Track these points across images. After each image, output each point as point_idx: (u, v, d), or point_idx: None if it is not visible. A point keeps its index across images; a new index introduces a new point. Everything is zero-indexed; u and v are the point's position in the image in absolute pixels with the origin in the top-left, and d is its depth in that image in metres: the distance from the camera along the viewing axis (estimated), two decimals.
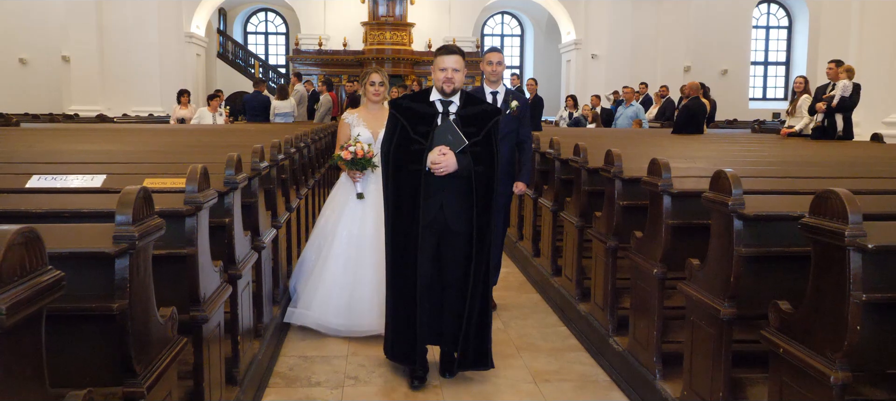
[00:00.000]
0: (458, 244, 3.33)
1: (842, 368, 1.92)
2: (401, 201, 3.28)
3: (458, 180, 3.27)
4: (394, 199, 3.31)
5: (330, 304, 4.05)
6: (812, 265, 2.08)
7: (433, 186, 3.26)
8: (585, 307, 4.32)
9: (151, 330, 1.87)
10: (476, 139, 3.28)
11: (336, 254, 4.13)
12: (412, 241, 3.26)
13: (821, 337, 2.00)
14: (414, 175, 3.24)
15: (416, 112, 3.33)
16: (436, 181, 3.26)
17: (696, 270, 2.80)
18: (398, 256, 3.33)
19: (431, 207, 3.28)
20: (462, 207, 3.31)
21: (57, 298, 1.30)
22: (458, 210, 3.31)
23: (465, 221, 3.31)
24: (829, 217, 1.97)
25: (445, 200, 3.29)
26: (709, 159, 4.58)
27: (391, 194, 3.32)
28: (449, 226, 3.31)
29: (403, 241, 3.29)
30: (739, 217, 2.50)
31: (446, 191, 3.28)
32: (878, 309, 1.93)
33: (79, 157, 3.98)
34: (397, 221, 3.31)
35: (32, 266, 1.24)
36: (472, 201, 3.28)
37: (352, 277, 4.06)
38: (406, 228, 3.28)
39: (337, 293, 4.06)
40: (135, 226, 1.74)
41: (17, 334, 1.17)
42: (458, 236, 3.32)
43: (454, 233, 3.32)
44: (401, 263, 3.32)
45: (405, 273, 3.32)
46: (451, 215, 3.30)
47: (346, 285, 4.06)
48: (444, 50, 3.43)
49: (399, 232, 3.31)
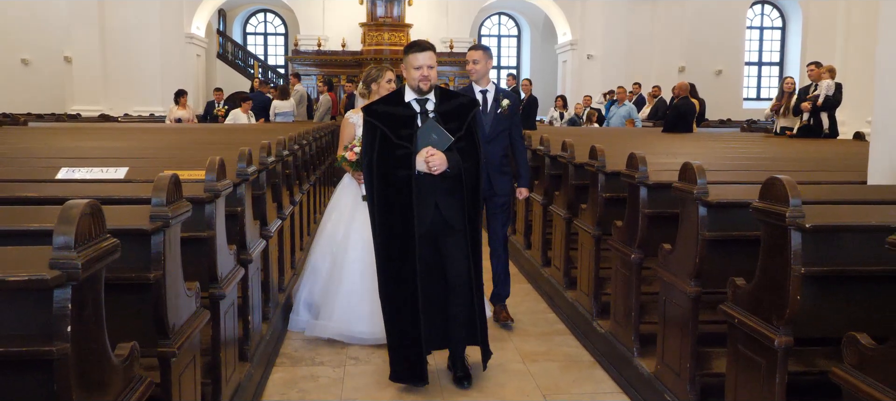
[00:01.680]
0: (458, 242, 3.26)
1: (784, 333, 2.20)
2: (391, 210, 3.17)
3: (447, 179, 3.21)
4: (383, 209, 3.19)
5: (353, 312, 3.95)
6: (761, 245, 2.36)
7: (425, 190, 3.19)
8: (572, 295, 4.59)
9: (180, 300, 2.14)
10: (459, 134, 3.22)
11: (352, 260, 4.00)
12: (409, 250, 3.16)
13: (768, 307, 2.28)
14: (404, 180, 3.14)
15: (394, 116, 3.22)
16: (426, 184, 3.18)
17: (668, 253, 3.08)
18: (393, 268, 3.21)
19: (426, 209, 3.20)
20: (456, 203, 3.25)
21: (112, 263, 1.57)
22: (454, 207, 3.25)
23: (462, 218, 3.26)
24: (773, 201, 2.25)
25: (439, 200, 3.22)
26: (690, 155, 4.84)
27: (379, 205, 3.20)
28: (448, 224, 3.25)
29: (398, 251, 3.19)
30: (703, 204, 2.78)
31: (438, 191, 3.22)
32: (816, 281, 2.21)
33: (97, 152, 4.25)
34: (389, 231, 3.20)
35: (97, 233, 1.51)
36: (462, 197, 3.25)
37: (370, 282, 3.79)
38: (400, 237, 3.17)
39: (357, 301, 3.94)
40: (168, 207, 2.01)
41: (86, 285, 1.43)
42: (458, 234, 3.26)
43: (454, 230, 3.26)
44: (397, 276, 3.21)
45: (403, 286, 3.21)
46: (449, 214, 3.24)
47: (367, 292, 3.89)
48: (416, 47, 3.29)
49: (393, 243, 3.20)
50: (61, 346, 1.37)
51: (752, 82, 21.11)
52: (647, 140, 6.96)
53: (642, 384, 3.32)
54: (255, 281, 3.45)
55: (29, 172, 3.22)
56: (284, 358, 3.84)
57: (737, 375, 2.50)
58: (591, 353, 4.00)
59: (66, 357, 1.38)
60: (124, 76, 15.95)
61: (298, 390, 3.46)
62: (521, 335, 4.31)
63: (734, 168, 4.20)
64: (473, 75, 4.29)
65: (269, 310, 3.89)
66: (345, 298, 3.98)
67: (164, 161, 3.72)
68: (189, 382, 2.21)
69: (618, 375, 3.61)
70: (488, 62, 4.30)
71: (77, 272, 1.39)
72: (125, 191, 2.67)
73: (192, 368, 2.27)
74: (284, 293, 4.45)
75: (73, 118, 13.27)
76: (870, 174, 3.42)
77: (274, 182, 4.25)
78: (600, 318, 4.06)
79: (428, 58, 3.23)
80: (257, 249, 3.46)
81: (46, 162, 3.54)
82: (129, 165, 3.40)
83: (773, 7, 21.16)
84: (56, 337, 1.38)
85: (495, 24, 22.12)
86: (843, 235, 2.20)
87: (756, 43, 21.17)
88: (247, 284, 3.27)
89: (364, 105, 4.26)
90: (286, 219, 4.48)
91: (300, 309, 4.21)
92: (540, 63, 21.25)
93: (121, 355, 1.66)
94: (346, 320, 3.95)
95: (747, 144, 6.75)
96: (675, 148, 5.84)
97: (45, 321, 1.39)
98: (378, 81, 4.14)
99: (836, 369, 1.90)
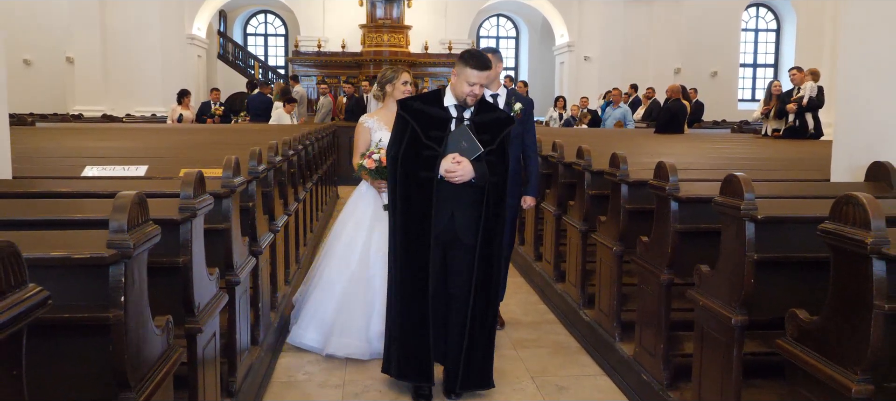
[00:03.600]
0: (465, 257, 3.12)
1: (740, 312, 2.48)
2: (411, 210, 3.07)
3: (469, 190, 3.07)
4: (403, 208, 3.09)
5: (373, 330, 3.76)
6: (721, 235, 2.64)
7: (445, 196, 3.06)
8: (562, 287, 4.87)
9: (204, 283, 2.42)
10: (491, 148, 3.08)
11: (373, 275, 3.79)
12: (423, 253, 3.06)
13: (727, 290, 2.56)
14: (425, 183, 3.03)
15: (428, 115, 3.10)
16: (447, 190, 3.05)
17: (646, 246, 3.36)
18: (408, 270, 3.10)
19: (442, 217, 3.08)
20: (472, 218, 3.10)
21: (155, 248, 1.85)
22: (469, 221, 3.10)
23: (474, 234, 3.11)
24: (731, 195, 2.53)
25: (457, 209, 3.09)
26: (671, 156, 5.12)
27: (400, 203, 3.09)
28: (458, 237, 3.11)
29: (414, 254, 3.08)
30: (675, 200, 3.06)
31: (457, 200, 3.08)
32: (766, 266, 2.49)
33: (114, 152, 4.52)
34: (408, 231, 3.09)
35: (143, 219, 1.80)
36: (481, 212, 3.09)
37: None
38: (417, 239, 3.07)
39: (379, 319, 3.68)
40: (195, 199, 2.28)
41: (135, 263, 1.71)
42: (466, 249, 3.11)
43: (463, 245, 3.12)
44: (410, 277, 3.11)
45: (416, 287, 3.10)
46: (461, 227, 3.10)
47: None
48: (479, 63, 3.09)
49: (410, 244, 3.09)
50: (116, 313, 1.66)
51: (747, 84, 21.43)
52: (635, 141, 7.25)
53: (623, 367, 3.60)
54: (264, 271, 3.73)
55: (57, 170, 3.50)
56: (289, 348, 4.08)
57: (702, 352, 2.78)
58: (577, 339, 4.28)
59: (121, 322, 1.66)
60: (125, 77, 16.19)
61: (303, 373, 3.71)
62: (514, 325, 4.58)
63: (710, 167, 4.49)
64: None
65: (276, 300, 4.16)
66: (364, 317, 3.78)
67: (180, 160, 3.99)
68: (210, 356, 2.48)
69: (601, 359, 3.89)
70: (499, 66, 4.07)
71: (129, 251, 1.67)
72: (149, 187, 2.93)
73: (213, 345, 2.54)
74: (290, 285, 4.72)
75: (76, 118, 13.53)
76: (832, 172, 3.70)
77: (281, 180, 4.53)
78: (587, 307, 4.34)
79: (485, 77, 3.10)
80: (266, 241, 3.73)
81: (71, 162, 3.81)
82: (148, 163, 3.67)
83: (768, 9, 21.46)
84: (112, 306, 1.66)
85: (494, 26, 22.42)
86: (788, 226, 2.48)
87: (751, 45, 21.48)
88: (257, 274, 3.54)
89: (381, 108, 4.08)
90: (292, 215, 4.76)
91: (306, 323, 3.94)
92: (538, 65, 21.54)
93: (159, 325, 1.94)
94: (367, 338, 3.75)
95: (733, 145, 7.03)
96: (661, 149, 6.12)
97: (103, 292, 1.67)
98: (393, 83, 4.00)
99: (779, 341, 2.18)
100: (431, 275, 3.07)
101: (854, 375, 1.90)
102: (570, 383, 3.66)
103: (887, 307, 1.84)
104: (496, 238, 3.14)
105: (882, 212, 1.86)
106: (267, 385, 3.46)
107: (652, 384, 3.22)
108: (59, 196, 2.79)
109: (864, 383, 1.88)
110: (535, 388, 3.57)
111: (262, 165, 3.61)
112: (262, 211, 3.77)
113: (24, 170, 3.45)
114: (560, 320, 4.67)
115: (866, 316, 1.86)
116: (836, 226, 1.98)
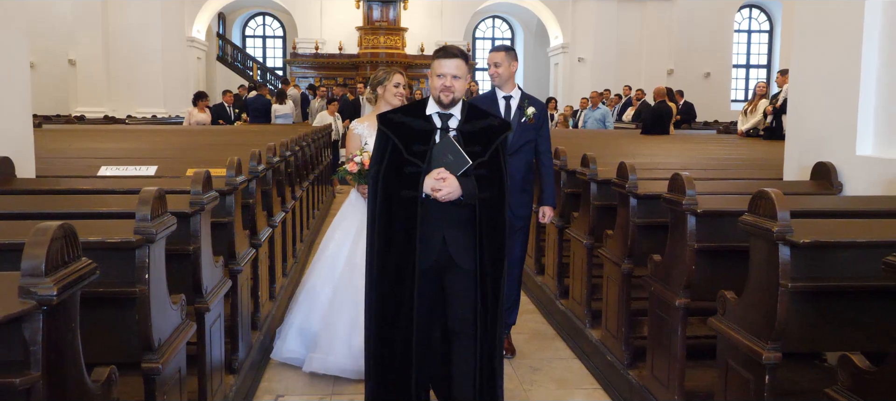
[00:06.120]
0: (467, 283, 2.71)
1: (683, 296, 2.82)
2: (392, 235, 2.67)
3: (460, 209, 2.69)
4: (384, 232, 2.69)
5: (357, 347, 3.45)
6: (668, 227, 2.98)
7: (433, 216, 2.67)
8: (541, 279, 5.22)
9: (210, 270, 2.76)
10: (481, 160, 2.71)
11: (358, 288, 3.42)
12: (407, 284, 2.65)
13: (675, 277, 2.90)
14: (409, 203, 2.65)
15: (409, 128, 2.75)
16: (435, 211, 2.67)
17: (608, 239, 3.69)
18: (388, 302, 2.69)
19: (432, 241, 2.69)
20: (467, 239, 2.71)
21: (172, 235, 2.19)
22: (464, 244, 2.70)
23: (473, 257, 2.71)
24: (676, 192, 2.87)
25: (448, 232, 2.69)
26: (645, 156, 5.48)
27: (380, 227, 2.69)
28: (455, 262, 2.70)
29: (395, 284, 2.67)
30: (634, 196, 3.40)
31: (448, 221, 2.69)
32: (708, 255, 2.83)
33: (124, 153, 4.86)
34: (387, 259, 2.68)
35: (161, 212, 2.13)
36: (476, 233, 2.70)
37: None
38: (398, 267, 2.66)
39: (362, 334, 3.17)
40: (203, 195, 2.62)
41: (157, 248, 2.05)
42: (467, 274, 2.70)
43: (462, 270, 2.71)
44: (391, 311, 2.69)
45: (396, 323, 2.69)
46: (455, 250, 2.70)
47: None
48: (443, 53, 2.80)
49: (389, 273, 2.68)
50: (142, 288, 2.03)
51: (740, 85, 21.77)
52: (618, 143, 7.59)
53: (591, 350, 3.94)
54: (263, 262, 4.06)
55: (74, 170, 3.84)
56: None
57: (654, 332, 3.12)
58: (553, 327, 4.62)
59: (145, 296, 2.00)
60: (127, 79, 16.54)
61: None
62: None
63: (680, 167, 4.82)
64: (496, 80, 3.82)
65: (274, 289, 4.50)
66: (348, 330, 3.58)
67: (186, 160, 4.33)
68: (216, 334, 2.82)
69: (574, 344, 4.23)
70: (512, 65, 3.80)
71: (153, 236, 2.07)
72: (160, 185, 3.26)
73: (219, 324, 2.87)
74: (287, 278, 5.06)
75: (79, 120, 13.85)
76: (785, 172, 4.04)
77: (278, 179, 4.86)
78: (562, 298, 4.68)
79: (454, 66, 2.73)
80: (265, 235, 4.06)
81: (86, 162, 4.14)
82: (157, 163, 4.01)
83: (761, 11, 21.82)
84: (138, 282, 2.03)
85: (489, 27, 22.78)
86: (727, 220, 2.82)
87: (744, 46, 21.83)
88: (256, 266, 3.88)
89: (373, 112, 3.88)
90: (289, 212, 5.09)
91: (290, 336, 3.82)
92: (533, 66, 21.88)
93: (175, 302, 2.30)
94: (349, 355, 3.55)
95: (711, 147, 7.37)
96: (641, 149, 6.46)
97: (130, 271, 2.04)
98: (384, 85, 3.84)
99: (712, 319, 2.53)
100: (416, 308, 2.66)
101: (765, 344, 2.24)
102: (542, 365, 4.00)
103: (790, 286, 2.18)
104: (498, 260, 2.72)
105: (787, 205, 2.20)
106: (266, 366, 3.79)
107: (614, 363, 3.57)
108: (82, 192, 3.13)
109: (774, 351, 2.23)
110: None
111: (261, 165, 3.94)
112: (261, 207, 4.10)
113: (44, 170, 3.78)
114: (538, 310, 5.00)
115: (775, 293, 2.20)
116: (753, 217, 2.33)
